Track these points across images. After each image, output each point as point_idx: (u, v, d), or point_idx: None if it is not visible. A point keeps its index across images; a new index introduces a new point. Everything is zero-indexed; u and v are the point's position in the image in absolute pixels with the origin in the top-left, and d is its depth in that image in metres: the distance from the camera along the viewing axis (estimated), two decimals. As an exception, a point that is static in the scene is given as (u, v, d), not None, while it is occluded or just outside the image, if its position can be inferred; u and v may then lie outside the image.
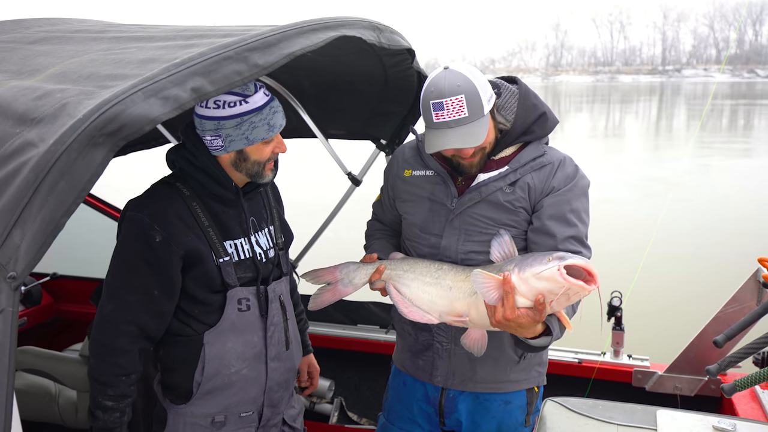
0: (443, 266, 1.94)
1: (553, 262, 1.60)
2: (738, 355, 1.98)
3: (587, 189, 2.00)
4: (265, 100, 1.77)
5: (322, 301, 2.10)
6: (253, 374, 1.89)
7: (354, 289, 2.08)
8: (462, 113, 1.81)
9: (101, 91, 1.24)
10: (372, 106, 2.71)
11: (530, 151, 1.97)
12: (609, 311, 2.92)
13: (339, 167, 3.06)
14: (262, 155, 1.81)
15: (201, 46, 1.42)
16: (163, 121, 1.25)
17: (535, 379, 2.13)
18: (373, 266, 2.04)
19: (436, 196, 2.02)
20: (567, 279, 1.56)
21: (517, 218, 1.95)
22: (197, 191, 1.83)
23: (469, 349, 1.88)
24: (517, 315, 1.66)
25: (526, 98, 2.00)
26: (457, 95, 1.81)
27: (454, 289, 1.86)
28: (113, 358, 1.73)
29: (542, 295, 1.63)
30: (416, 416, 2.20)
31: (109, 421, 1.75)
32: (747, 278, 2.63)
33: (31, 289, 3.75)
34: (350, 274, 2.07)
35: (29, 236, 1.10)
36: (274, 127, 1.78)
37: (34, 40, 1.92)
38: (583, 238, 1.94)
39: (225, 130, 1.74)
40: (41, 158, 1.12)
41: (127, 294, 1.74)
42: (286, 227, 2.14)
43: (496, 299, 1.70)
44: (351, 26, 1.75)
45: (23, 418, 1.88)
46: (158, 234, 1.72)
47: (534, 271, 1.62)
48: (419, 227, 2.06)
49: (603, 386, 2.89)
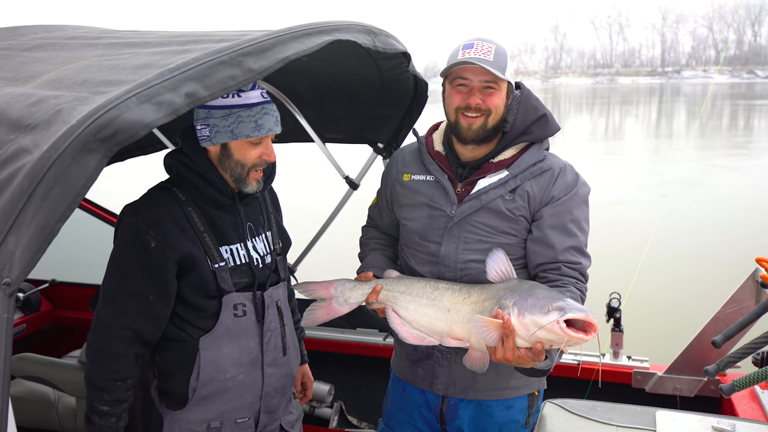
0: (439, 286, 1.91)
1: (553, 314, 1.58)
2: (736, 356, 1.98)
3: (587, 197, 2.00)
4: (260, 100, 1.77)
5: (315, 319, 2.06)
6: (249, 380, 1.89)
7: (349, 309, 2.04)
8: (488, 56, 1.87)
9: (96, 97, 1.24)
10: (369, 109, 2.72)
11: (530, 155, 1.97)
12: (608, 312, 2.92)
13: (336, 171, 3.06)
14: (246, 156, 1.79)
15: (195, 52, 1.42)
16: (157, 126, 1.25)
17: (536, 385, 2.12)
18: (369, 286, 2.00)
19: (435, 202, 2.01)
20: (566, 332, 1.55)
21: (517, 227, 1.95)
22: (193, 196, 1.82)
23: (471, 368, 1.85)
24: (518, 356, 1.66)
25: (528, 100, 2.01)
26: (489, 44, 1.90)
27: (452, 312, 1.84)
28: (109, 362, 1.73)
29: (541, 343, 1.63)
30: (417, 422, 2.18)
31: (105, 426, 1.75)
32: (745, 278, 2.63)
33: (30, 295, 3.75)
34: (345, 293, 2.03)
35: (24, 242, 1.10)
36: (261, 128, 1.76)
37: (30, 47, 1.92)
38: (582, 248, 1.94)
39: (213, 120, 1.75)
40: (35, 164, 1.12)
41: (122, 299, 1.74)
42: (284, 233, 2.13)
43: (496, 340, 1.68)
44: (345, 30, 1.75)
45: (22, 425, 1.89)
46: (153, 239, 1.72)
47: (534, 318, 1.61)
48: (418, 234, 2.05)
49: (602, 388, 2.88)
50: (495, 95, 1.91)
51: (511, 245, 1.95)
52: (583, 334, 1.57)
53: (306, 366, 2.35)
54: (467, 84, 1.91)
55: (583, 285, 1.91)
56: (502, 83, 1.91)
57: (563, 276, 1.88)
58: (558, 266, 1.89)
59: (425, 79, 2.40)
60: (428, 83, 2.46)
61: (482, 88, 1.90)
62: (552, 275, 1.90)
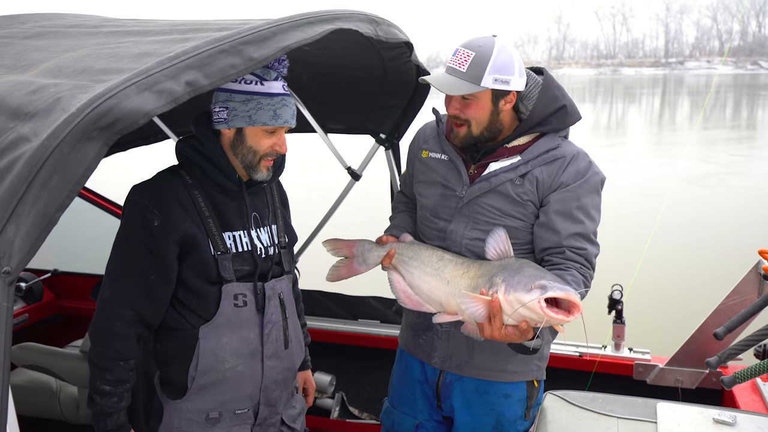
0: (444, 257, 1.95)
1: (535, 292, 1.57)
2: (738, 348, 1.98)
3: (599, 185, 1.98)
4: (281, 91, 1.80)
5: (339, 275, 2.17)
6: (248, 371, 1.89)
7: (367, 269, 2.14)
8: (462, 66, 1.87)
9: (95, 85, 1.24)
10: (371, 100, 2.70)
11: (544, 142, 1.96)
12: (610, 304, 2.92)
13: (339, 162, 3.06)
14: (259, 144, 1.81)
15: (196, 40, 1.41)
16: (158, 114, 1.24)
17: (534, 373, 2.12)
18: (384, 249, 2.08)
19: (448, 181, 2.04)
20: (546, 313, 1.54)
21: (525, 211, 1.95)
22: (201, 180, 1.85)
23: (468, 334, 1.87)
24: (505, 334, 1.67)
25: (548, 89, 1.98)
26: (470, 51, 1.87)
27: (451, 284, 1.87)
28: (111, 342, 1.75)
29: (525, 322, 1.63)
30: (417, 400, 2.21)
31: (107, 406, 1.76)
32: (748, 270, 2.62)
33: (32, 285, 3.76)
34: (365, 254, 2.13)
35: (23, 231, 1.09)
36: (278, 117, 1.78)
37: (30, 35, 1.91)
38: (589, 235, 1.92)
39: (233, 103, 1.77)
40: (35, 153, 1.11)
41: (124, 278, 1.76)
42: (291, 229, 2.13)
43: (484, 317, 1.69)
44: (347, 19, 1.73)
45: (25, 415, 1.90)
46: (156, 218, 1.75)
47: (517, 296, 1.61)
48: (429, 211, 2.09)
49: (604, 379, 2.88)
50: (471, 106, 1.91)
51: (518, 229, 1.96)
52: (565, 315, 1.56)
53: (309, 372, 2.35)
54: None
55: (588, 271, 1.89)
56: (480, 93, 1.89)
57: (567, 260, 1.88)
58: (562, 250, 1.89)
59: (428, 69, 2.38)
60: (431, 73, 2.44)
61: (460, 98, 1.91)
62: (557, 258, 1.90)
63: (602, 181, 1.99)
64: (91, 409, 1.78)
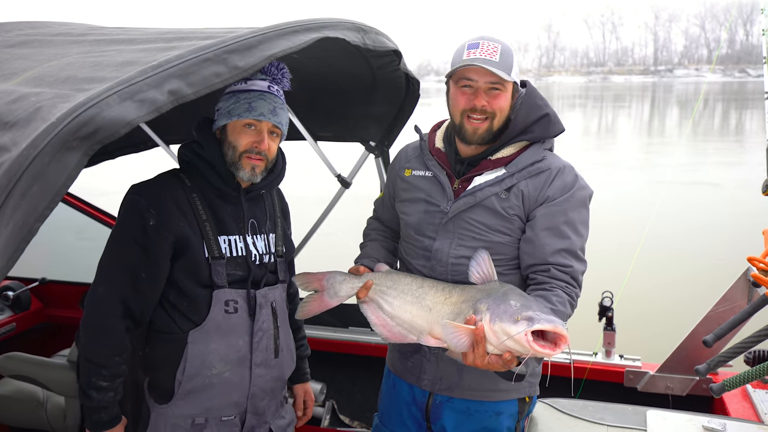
0: (424, 284, 1.89)
1: (522, 324, 1.52)
2: (727, 355, 1.98)
3: (587, 200, 1.95)
4: (262, 88, 1.83)
5: (309, 311, 2.06)
6: (235, 378, 1.87)
7: (339, 302, 2.02)
8: (494, 57, 1.83)
9: (77, 94, 1.22)
10: (360, 108, 2.70)
11: (529, 154, 1.93)
12: (600, 311, 2.92)
13: (328, 169, 3.05)
14: (238, 140, 1.83)
15: (181, 49, 1.40)
16: (140, 124, 1.23)
17: (527, 390, 2.05)
18: (359, 280, 1.99)
19: (432, 197, 2.00)
20: (533, 347, 1.50)
21: (511, 226, 1.91)
22: (199, 184, 1.87)
23: (454, 357, 1.81)
24: (487, 363, 1.62)
25: (531, 98, 1.97)
26: (495, 43, 1.86)
27: (433, 311, 1.81)
28: (105, 338, 1.76)
29: (510, 352, 1.58)
30: (406, 419, 2.17)
31: (104, 401, 1.78)
32: (737, 278, 2.63)
33: (20, 294, 3.73)
34: (336, 286, 2.02)
35: (2, 242, 1.07)
36: (252, 110, 1.81)
37: (14, 44, 1.89)
38: (576, 251, 1.87)
39: (221, 103, 1.86)
40: (14, 162, 1.09)
41: (115, 273, 1.78)
42: (289, 240, 2.13)
43: (467, 346, 1.65)
44: (334, 27, 1.73)
45: (11, 425, 1.87)
46: (152, 217, 1.77)
47: (503, 327, 1.56)
48: (414, 228, 2.04)
49: (594, 387, 2.88)
50: (501, 97, 1.88)
51: (505, 244, 1.92)
52: (551, 348, 1.51)
53: (308, 384, 2.32)
54: (472, 85, 1.87)
55: (573, 290, 1.84)
56: (508, 84, 1.87)
57: (553, 279, 1.83)
58: (547, 268, 1.85)
59: (417, 77, 2.38)
60: (420, 81, 2.44)
61: (488, 89, 1.86)
62: (541, 277, 1.85)
63: (590, 196, 1.96)
64: (85, 404, 1.79)
